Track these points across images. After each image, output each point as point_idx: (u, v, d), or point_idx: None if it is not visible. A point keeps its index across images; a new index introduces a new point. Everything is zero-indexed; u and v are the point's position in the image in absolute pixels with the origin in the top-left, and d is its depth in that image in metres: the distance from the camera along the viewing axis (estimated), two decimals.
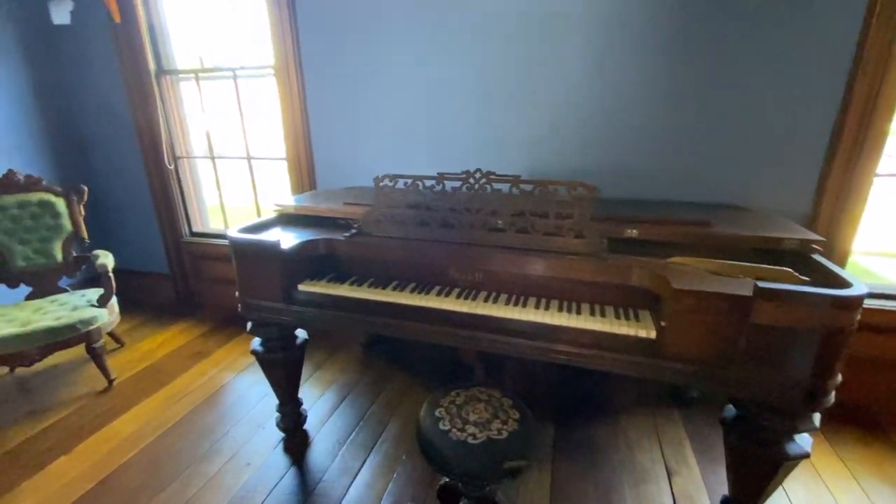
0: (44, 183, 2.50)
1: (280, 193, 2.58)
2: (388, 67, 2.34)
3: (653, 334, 1.29)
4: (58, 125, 3.06)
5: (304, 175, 2.70)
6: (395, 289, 1.61)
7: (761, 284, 1.12)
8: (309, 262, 1.73)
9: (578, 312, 1.42)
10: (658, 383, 2.21)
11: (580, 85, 2.07)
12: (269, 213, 2.01)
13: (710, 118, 1.96)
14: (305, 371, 2.42)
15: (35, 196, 2.47)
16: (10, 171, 2.42)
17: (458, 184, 1.65)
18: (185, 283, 3.32)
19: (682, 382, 1.32)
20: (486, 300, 1.51)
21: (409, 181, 1.70)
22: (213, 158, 3.03)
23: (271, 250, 1.62)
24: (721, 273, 1.34)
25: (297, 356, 1.91)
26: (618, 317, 1.40)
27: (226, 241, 3.10)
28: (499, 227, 1.59)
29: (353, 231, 1.73)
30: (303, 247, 1.69)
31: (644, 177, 2.11)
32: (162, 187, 3.06)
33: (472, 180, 1.64)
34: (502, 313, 1.44)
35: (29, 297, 2.52)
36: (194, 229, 3.24)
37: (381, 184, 1.72)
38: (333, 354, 2.68)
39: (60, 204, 2.53)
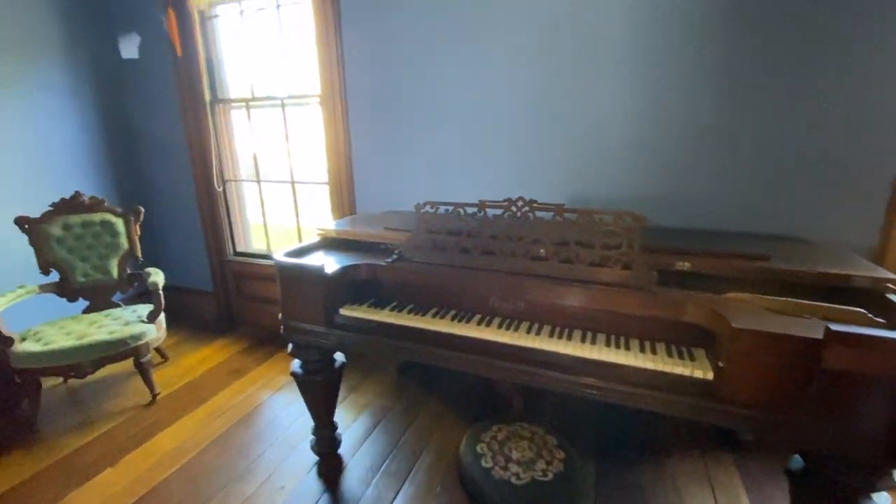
0: (106, 204, 2.66)
1: (320, 216, 2.64)
2: (429, 96, 2.38)
3: (710, 375, 1.22)
4: (120, 150, 3.28)
5: (345, 199, 2.76)
6: (434, 316, 1.60)
7: (833, 327, 1.04)
8: (351, 286, 1.75)
9: (627, 348, 1.36)
10: (712, 426, 2.07)
11: (625, 110, 2.05)
12: (312, 237, 2.06)
13: (766, 143, 1.89)
14: (340, 393, 2.41)
15: (97, 216, 2.63)
16: (77, 192, 2.59)
17: (499, 211, 1.64)
18: (227, 301, 3.43)
19: (741, 428, 1.23)
20: (528, 331, 1.47)
21: (450, 208, 1.71)
22: (258, 182, 3.15)
23: (315, 274, 1.64)
24: (785, 312, 1.26)
25: (334, 379, 1.91)
26: (670, 354, 1.33)
27: (267, 261, 3.20)
28: (541, 255, 1.56)
29: (394, 257, 1.74)
30: (345, 271, 1.71)
31: (693, 206, 2.04)
32: (210, 209, 3.20)
33: (514, 208, 1.62)
34: (545, 346, 1.40)
35: (86, 311, 2.66)
36: (238, 249, 3.36)
37: (421, 210, 1.74)
38: (368, 377, 2.68)
39: (119, 224, 2.68)
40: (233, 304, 3.43)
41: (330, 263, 1.73)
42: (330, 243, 2.03)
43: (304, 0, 2.59)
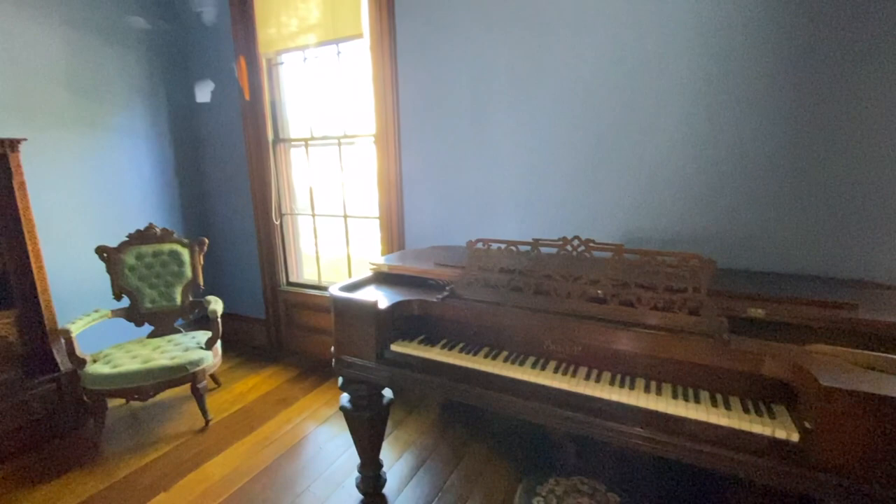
0: (175, 235, 2.85)
1: (370, 247, 2.70)
2: (481, 134, 2.43)
3: (794, 437, 1.11)
4: (189, 185, 3.54)
5: (395, 233, 2.82)
6: (487, 356, 1.57)
7: None
8: (402, 322, 1.75)
9: (697, 401, 1.26)
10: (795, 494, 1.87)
11: (683, 146, 1.99)
12: (363, 270, 2.10)
13: (844, 179, 1.76)
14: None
15: (167, 246, 2.82)
16: (150, 224, 2.80)
17: (553, 250, 1.61)
18: (278, 330, 3.53)
19: (830, 499, 1.09)
20: (587, 377, 1.40)
21: (503, 246, 1.70)
22: (313, 216, 3.29)
23: (368, 309, 1.66)
24: (875, 368, 1.13)
25: (382, 415, 1.89)
26: (746, 410, 1.22)
27: (317, 292, 3.29)
28: (600, 297, 1.51)
29: (446, 293, 1.74)
30: (397, 307, 1.72)
31: (760, 246, 1.92)
32: (267, 240, 3.36)
33: (569, 247, 1.59)
34: (606, 394, 1.32)
35: (150, 336, 2.81)
36: (291, 279, 3.48)
37: (473, 247, 1.74)
38: (412, 413, 2.64)
39: (185, 254, 2.86)
40: (283, 332, 3.53)
41: (382, 298, 1.75)
42: (382, 278, 2.06)
43: (363, 45, 2.75)
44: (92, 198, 2.96)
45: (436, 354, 1.61)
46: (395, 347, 1.68)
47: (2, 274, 2.38)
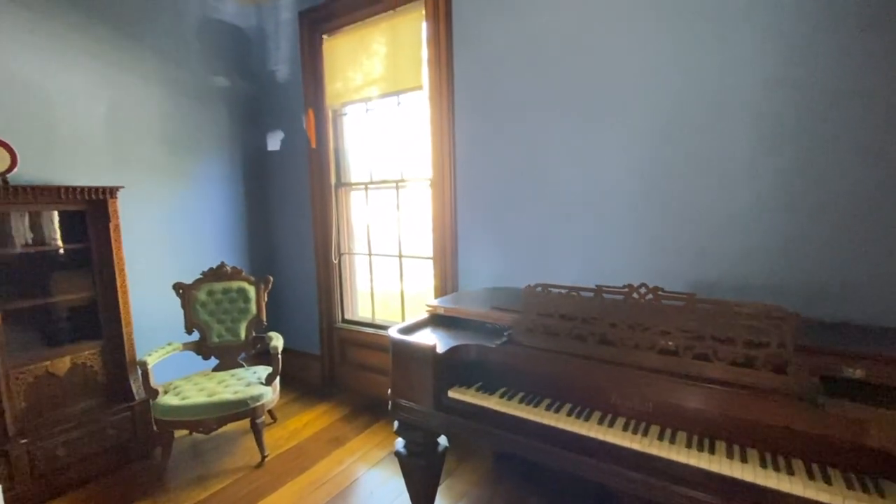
0: (243, 273, 3.04)
1: (422, 284, 2.73)
2: (538, 176, 2.44)
3: None
4: (257, 226, 3.79)
5: (448, 273, 2.84)
6: (549, 408, 1.51)
7: None
8: (459, 366, 1.74)
9: (790, 472, 1.14)
10: None
11: (754, 187, 1.89)
12: (419, 311, 2.12)
13: None
14: None
15: (235, 284, 3.00)
16: (222, 262, 3.00)
17: (617, 298, 1.55)
18: (332, 366, 3.60)
19: None
20: (660, 437, 1.31)
21: (564, 291, 1.66)
22: (370, 255, 3.40)
23: (426, 353, 1.66)
24: None
25: (437, 464, 1.85)
26: (849, 486, 1.08)
27: (371, 329, 3.34)
28: (671, 349, 1.42)
29: (504, 339, 1.71)
30: (454, 351, 1.71)
31: (849, 296, 1.76)
32: (326, 279, 3.49)
33: (635, 295, 1.53)
34: (683, 458, 1.22)
35: (215, 369, 2.95)
36: (346, 316, 3.57)
37: (533, 292, 1.71)
38: (464, 461, 2.56)
39: (251, 291, 3.02)
40: (336, 369, 3.59)
41: (439, 342, 1.74)
42: (438, 320, 2.07)
43: (422, 95, 2.90)
44: (172, 238, 3.24)
45: (495, 404, 1.57)
46: (452, 394, 1.66)
47: (93, 308, 2.62)
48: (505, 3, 2.43)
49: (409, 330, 1.92)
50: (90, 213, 2.54)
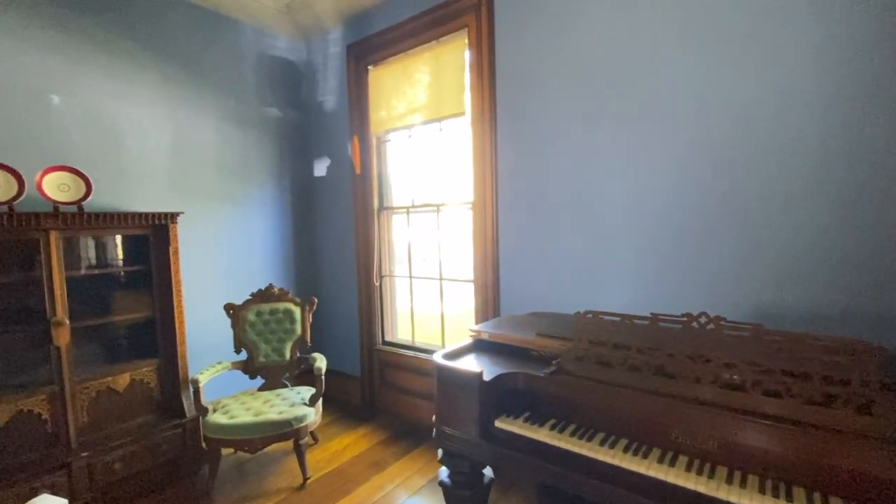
0: (289, 294, 3.12)
1: (461, 305, 2.71)
2: (584, 198, 2.40)
3: None
4: (302, 248, 3.91)
5: (490, 297, 2.81)
6: (603, 443, 1.44)
7: None
8: (506, 395, 1.69)
9: None
10: None
11: (824, 204, 1.78)
12: (462, 335, 2.10)
13: None
14: None
15: (282, 305, 3.08)
16: (270, 284, 3.10)
17: (674, 327, 1.48)
18: (371, 388, 3.60)
19: None
20: (728, 480, 1.21)
21: (616, 318, 1.60)
22: (410, 277, 3.42)
23: (472, 380, 1.64)
24: None
25: (482, 495, 1.80)
26: None
27: (410, 352, 3.34)
28: (736, 384, 1.33)
29: (553, 368, 1.66)
30: (501, 379, 1.67)
31: None
32: (367, 301, 3.54)
33: (695, 324, 1.45)
34: None
35: (261, 388, 3.02)
36: (386, 338, 3.58)
37: (583, 319, 1.66)
38: (506, 493, 2.47)
39: (297, 312, 3.10)
40: (376, 391, 3.59)
41: (484, 369, 1.71)
42: (482, 345, 2.03)
43: (464, 120, 2.94)
44: (224, 260, 3.39)
45: (545, 436, 1.51)
46: (499, 424, 1.61)
47: (151, 327, 2.76)
48: (548, 30, 2.45)
49: (453, 355, 1.90)
50: (153, 237, 2.70)
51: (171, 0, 3.06)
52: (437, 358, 1.79)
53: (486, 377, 1.63)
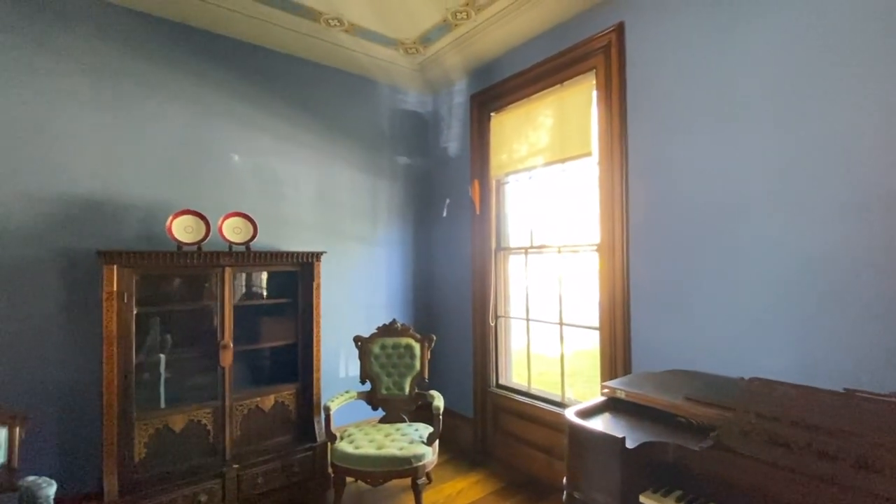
0: (411, 330, 3.25)
1: (577, 350, 2.53)
2: (729, 242, 2.14)
3: None
4: (421, 286, 4.08)
5: (619, 349, 2.61)
6: None
7: None
8: (650, 467, 1.52)
9: None
10: None
11: None
12: (595, 396, 1.95)
13: None
14: None
15: (404, 340, 3.22)
16: (394, 319, 3.27)
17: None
18: (484, 431, 3.53)
19: None
20: None
21: (793, 392, 1.36)
22: (527, 320, 3.34)
23: (614, 446, 1.50)
24: None
25: None
26: None
27: (526, 399, 3.21)
28: None
29: (710, 442, 1.45)
30: (647, 448, 1.50)
31: None
32: (482, 341, 3.53)
33: None
34: None
35: (382, 420, 3.13)
36: (500, 381, 3.51)
37: (751, 385, 1.44)
38: None
39: (417, 348, 3.20)
40: (489, 435, 3.50)
41: (624, 433, 1.56)
42: (616, 405, 1.87)
43: (590, 161, 2.86)
44: (355, 295, 3.67)
45: None
46: (645, 500, 1.44)
47: (293, 354, 3.06)
48: (685, 64, 2.31)
49: (586, 413, 1.77)
50: (300, 272, 3.04)
51: (326, 67, 3.55)
52: (570, 416, 1.69)
53: (629, 444, 1.48)
